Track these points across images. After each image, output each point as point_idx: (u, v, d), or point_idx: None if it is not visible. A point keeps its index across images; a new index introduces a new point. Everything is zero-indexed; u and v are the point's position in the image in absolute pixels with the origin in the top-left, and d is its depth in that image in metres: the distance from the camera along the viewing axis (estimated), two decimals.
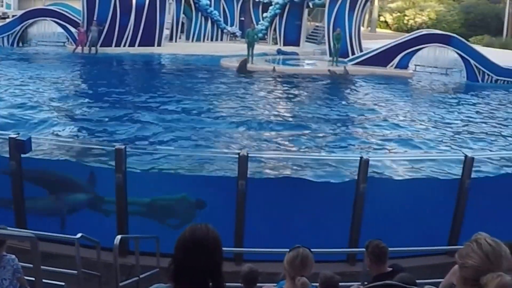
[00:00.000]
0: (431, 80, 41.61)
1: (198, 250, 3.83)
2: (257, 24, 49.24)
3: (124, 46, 43.06)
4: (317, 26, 55.34)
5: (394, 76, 40.17)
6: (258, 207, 13.00)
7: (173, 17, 46.84)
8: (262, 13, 49.81)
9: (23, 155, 12.56)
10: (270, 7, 48.81)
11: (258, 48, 44.22)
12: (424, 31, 45.04)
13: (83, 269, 10.19)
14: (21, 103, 26.01)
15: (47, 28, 44.65)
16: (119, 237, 10.43)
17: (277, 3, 48.09)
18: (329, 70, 39.72)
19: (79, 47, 41.75)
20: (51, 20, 43.03)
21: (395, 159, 20.09)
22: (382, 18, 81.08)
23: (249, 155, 12.56)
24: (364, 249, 8.44)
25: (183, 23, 48.41)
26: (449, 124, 27.84)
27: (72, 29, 42.52)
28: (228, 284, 4.22)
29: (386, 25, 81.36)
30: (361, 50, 43.97)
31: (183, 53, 43.77)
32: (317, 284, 7.53)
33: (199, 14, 48.31)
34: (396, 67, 41.31)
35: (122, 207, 12.63)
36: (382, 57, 41.25)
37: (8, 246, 8.11)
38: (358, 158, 13.03)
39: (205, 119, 25.20)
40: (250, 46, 40.28)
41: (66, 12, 42.85)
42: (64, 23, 42.84)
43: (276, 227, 13.22)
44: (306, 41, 51.76)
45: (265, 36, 49.83)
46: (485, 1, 77.31)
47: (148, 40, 43.49)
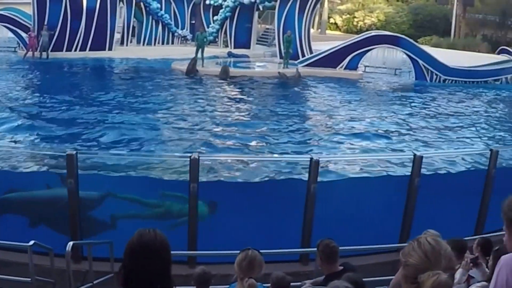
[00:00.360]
0: (380, 81, 42.03)
1: (146, 254, 3.91)
2: (208, 27, 49.27)
3: (75, 50, 42.73)
4: (267, 28, 55.50)
5: (344, 77, 40.47)
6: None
7: (124, 21, 46.48)
8: (213, 16, 49.69)
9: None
10: (221, 10, 48.77)
11: (209, 51, 44.22)
12: (373, 33, 45.59)
13: (37, 277, 10.09)
14: None
15: None
16: (71, 243, 10.32)
17: (228, 6, 48.13)
18: (279, 73, 39.83)
19: (30, 52, 41.30)
20: (1, 25, 42.50)
21: (345, 159, 20.24)
22: (332, 20, 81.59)
23: (201, 158, 12.56)
24: (315, 249, 8.52)
25: (134, 27, 48.09)
26: (398, 123, 28.15)
27: (23, 34, 42.10)
28: (180, 287, 4.32)
29: (336, 27, 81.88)
30: (311, 52, 44.21)
31: (134, 57, 43.57)
32: (269, 284, 7.64)
33: (150, 18, 48.09)
34: (345, 68, 41.61)
35: (74, 213, 12.58)
36: (331, 59, 41.48)
37: None
38: (309, 159, 13.13)
39: (157, 122, 25.18)
40: (200, 49, 40.24)
41: (16, 16, 42.38)
42: (14, 28, 42.41)
43: (230, 229, 13.30)
44: (257, 44, 51.86)
45: (216, 39, 49.85)
46: (433, 3, 78.30)
47: (99, 44, 43.22)
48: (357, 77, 41.46)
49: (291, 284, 7.96)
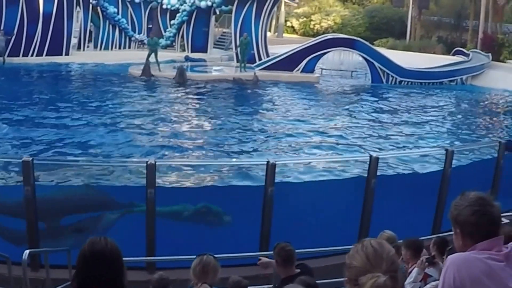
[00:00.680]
0: (337, 83, 42.26)
1: (97, 262, 3.97)
2: (165, 31, 49.21)
3: (32, 55, 42.25)
4: (224, 32, 55.48)
5: (301, 80, 40.58)
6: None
7: (81, 25, 46.22)
8: (170, 20, 49.62)
9: None
10: (178, 14, 48.69)
11: (167, 55, 44.17)
12: (329, 36, 45.85)
13: None
14: None
15: None
16: (27, 251, 10.26)
17: (184, 10, 48.06)
18: (233, 78, 39.85)
19: None
20: None
21: (302, 162, 20.32)
22: (289, 23, 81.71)
23: (157, 163, 12.55)
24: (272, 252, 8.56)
25: (91, 32, 47.86)
26: (355, 125, 28.35)
27: None
28: None
29: (293, 30, 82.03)
30: (267, 56, 44.28)
31: (91, 61, 43.17)
32: None
33: (107, 22, 47.79)
34: (302, 71, 41.74)
35: (31, 220, 12.48)
36: (288, 62, 41.57)
37: None
38: (265, 163, 13.17)
39: (114, 127, 24.99)
40: (152, 53, 40.08)
41: None
42: None
43: (189, 234, 13.32)
44: (214, 47, 51.81)
45: (173, 43, 49.77)
46: (389, 5, 78.82)
47: (56, 49, 42.82)
48: (314, 80, 41.58)
49: (248, 287, 8.00)
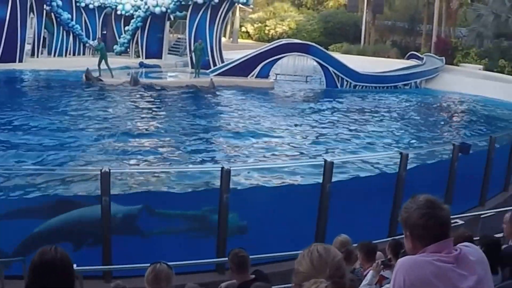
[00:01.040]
0: (291, 88, 42.44)
1: (47, 272, 3.94)
2: (119, 37, 48.99)
3: None
4: (179, 38, 55.39)
5: (256, 86, 40.67)
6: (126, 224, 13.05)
7: (35, 32, 45.78)
8: (124, 26, 49.42)
9: None
10: (132, 20, 48.50)
11: (121, 61, 44.00)
12: (284, 41, 46.04)
13: None
14: None
15: None
16: None
17: (139, 16, 47.89)
18: (187, 86, 39.77)
19: None
20: None
21: (258, 168, 20.31)
22: (243, 29, 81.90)
23: (111, 171, 12.49)
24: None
25: (44, 38, 47.45)
26: (310, 130, 28.50)
27: None
28: None
29: (248, 35, 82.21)
30: (222, 61, 44.29)
31: (45, 68, 42.64)
32: None
33: (61, 29, 47.33)
34: (257, 76, 41.84)
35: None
36: (243, 67, 41.66)
37: None
38: (220, 169, 13.17)
39: (67, 134, 24.73)
40: (103, 59, 39.83)
41: None
42: None
43: (145, 242, 13.28)
44: (169, 53, 51.68)
45: (128, 50, 49.56)
46: (343, 10, 79.26)
47: (9, 56, 42.25)
48: (269, 85, 41.73)
49: None
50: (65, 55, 47.83)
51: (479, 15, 55.38)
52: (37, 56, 46.21)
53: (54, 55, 47.36)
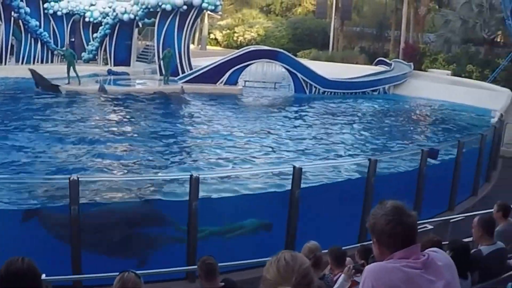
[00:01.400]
0: (260, 95, 42.41)
1: (13, 282, 3.91)
2: (87, 44, 48.73)
3: None
4: (147, 45, 55.16)
5: (224, 92, 40.72)
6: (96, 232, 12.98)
7: (2, 39, 45.44)
8: (92, 33, 49.16)
9: None
10: (100, 27, 48.25)
11: (89, 69, 43.79)
12: (252, 48, 46.02)
13: None
14: None
15: None
16: None
17: (107, 23, 47.63)
18: (154, 93, 39.65)
19: None
20: None
21: (226, 175, 20.23)
22: (212, 36, 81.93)
23: (80, 179, 12.38)
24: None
25: (12, 45, 47.12)
26: (278, 136, 28.48)
27: None
28: None
29: (217, 42, 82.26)
30: (191, 68, 44.11)
31: (12, 75, 42.27)
32: None
33: (29, 36, 46.99)
34: (225, 83, 41.84)
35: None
36: (211, 74, 41.64)
37: None
38: (188, 177, 13.12)
39: (36, 143, 24.50)
40: (71, 66, 39.64)
41: None
42: None
43: (116, 250, 13.22)
44: (137, 61, 51.45)
45: (96, 57, 49.30)
46: (312, 17, 79.54)
47: None
48: (237, 92, 41.72)
49: None
50: (33, 63, 47.31)
51: (446, 21, 55.80)
52: (5, 64, 45.83)
53: (22, 63, 46.92)
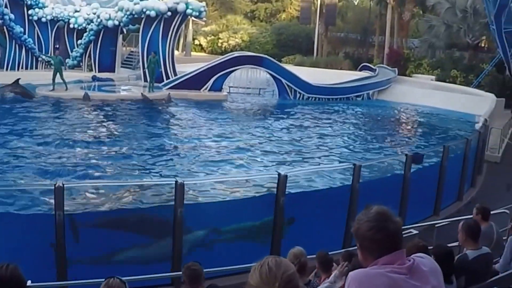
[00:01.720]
0: (244, 101, 42.40)
1: None
2: (72, 51, 48.61)
3: None
4: (132, 51, 55.13)
5: (209, 99, 40.71)
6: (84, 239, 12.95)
7: None
8: (77, 40, 49.03)
9: None
10: (85, 34, 48.13)
11: (74, 75, 43.70)
12: (236, 53, 46.08)
13: None
14: None
15: None
16: None
17: (91, 29, 47.54)
18: (142, 94, 39.68)
19: None
20: None
21: (212, 181, 20.22)
22: (196, 42, 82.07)
23: (65, 185, 12.31)
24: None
25: None
26: (263, 142, 28.46)
27: None
28: None
29: (201, 48, 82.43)
30: (175, 74, 44.12)
31: None
32: None
33: (13, 42, 46.87)
34: (210, 89, 41.86)
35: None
36: (196, 80, 41.64)
37: None
38: (173, 182, 13.11)
39: (20, 149, 24.36)
40: (57, 72, 39.55)
41: None
42: None
43: (101, 257, 13.18)
44: (122, 67, 51.38)
45: (80, 63, 49.18)
46: (296, 23, 79.93)
47: None
48: (222, 98, 41.78)
49: None
50: (18, 69, 47.23)
51: (431, 26, 56.08)
52: None
53: (7, 69, 46.81)
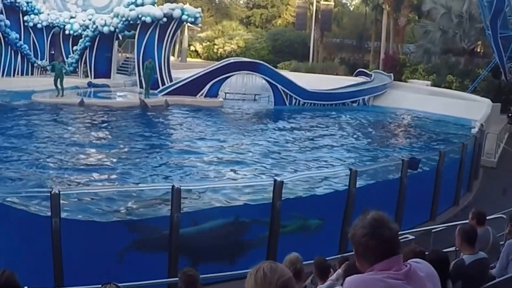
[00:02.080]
0: (240, 107, 42.37)
1: None
2: (67, 57, 48.55)
3: None
4: (127, 57, 55.05)
5: (205, 105, 40.66)
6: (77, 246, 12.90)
7: None
8: (72, 46, 48.97)
9: None
10: (80, 40, 48.08)
11: (70, 81, 43.59)
12: (232, 59, 46.08)
13: None
14: None
15: None
16: None
17: (87, 35, 47.49)
18: (140, 98, 39.68)
19: None
20: None
21: (208, 187, 20.21)
22: (192, 48, 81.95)
23: (61, 192, 12.29)
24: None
25: None
26: (260, 148, 28.47)
27: None
28: None
29: (197, 54, 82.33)
30: (171, 80, 44.09)
31: None
32: None
33: (9, 48, 46.77)
34: (206, 95, 41.86)
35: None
36: (191, 87, 41.65)
37: None
38: (170, 187, 13.10)
39: (17, 155, 24.43)
40: (58, 79, 39.62)
41: None
42: None
43: (99, 264, 13.16)
44: (118, 73, 51.35)
45: (76, 69, 49.11)
46: (292, 28, 79.91)
47: None
48: (218, 104, 41.74)
49: None
50: (13, 75, 47.21)
51: (426, 31, 56.24)
52: None
53: (2, 75, 46.71)
